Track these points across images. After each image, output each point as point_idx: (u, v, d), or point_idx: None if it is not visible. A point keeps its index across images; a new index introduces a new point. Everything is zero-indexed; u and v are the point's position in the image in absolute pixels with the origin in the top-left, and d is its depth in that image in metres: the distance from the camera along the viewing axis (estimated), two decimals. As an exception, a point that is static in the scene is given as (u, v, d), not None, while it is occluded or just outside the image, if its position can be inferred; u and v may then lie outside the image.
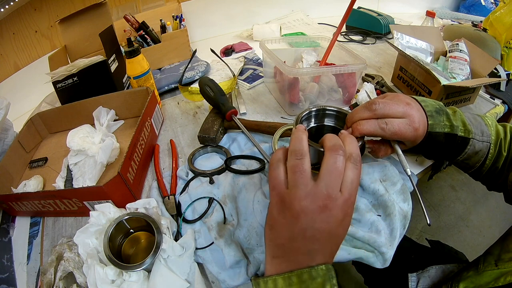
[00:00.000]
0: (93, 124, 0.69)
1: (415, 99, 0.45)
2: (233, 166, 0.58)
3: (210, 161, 0.61)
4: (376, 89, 0.77)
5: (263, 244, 0.44)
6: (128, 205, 0.49)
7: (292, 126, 0.59)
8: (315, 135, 0.45)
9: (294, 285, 0.31)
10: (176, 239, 0.47)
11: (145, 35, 0.96)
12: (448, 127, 0.45)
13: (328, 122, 0.46)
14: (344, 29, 1.16)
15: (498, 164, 0.47)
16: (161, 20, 0.98)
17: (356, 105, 0.71)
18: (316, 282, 0.31)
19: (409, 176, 0.40)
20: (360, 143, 0.39)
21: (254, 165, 0.58)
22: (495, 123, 0.48)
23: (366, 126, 0.40)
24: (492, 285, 0.38)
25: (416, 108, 0.43)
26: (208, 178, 0.57)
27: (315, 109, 0.44)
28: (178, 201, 0.54)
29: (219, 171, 0.58)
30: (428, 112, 0.44)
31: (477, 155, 0.47)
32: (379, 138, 0.46)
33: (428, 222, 0.36)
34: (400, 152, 0.42)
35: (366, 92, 0.71)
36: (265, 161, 0.57)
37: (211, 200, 0.53)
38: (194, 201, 0.53)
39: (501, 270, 0.39)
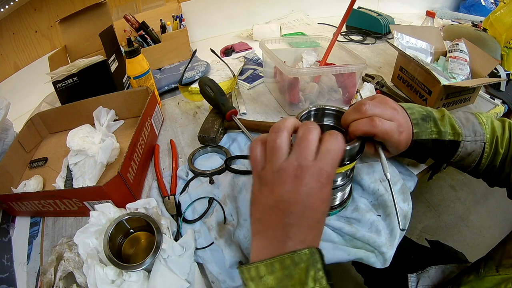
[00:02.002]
0: (93, 124, 0.69)
1: (401, 106, 0.45)
2: (233, 166, 0.58)
3: (210, 161, 0.61)
4: (376, 89, 0.77)
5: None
6: (128, 205, 0.49)
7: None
8: None
9: (276, 272, 0.30)
10: (176, 239, 0.47)
11: (145, 35, 0.96)
12: (436, 133, 0.45)
13: (327, 121, 0.46)
14: (344, 29, 1.16)
15: (495, 162, 0.46)
16: (161, 20, 0.98)
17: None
18: (299, 267, 0.30)
19: (388, 180, 0.39)
20: (358, 143, 0.38)
21: (254, 165, 0.58)
22: (491, 120, 0.48)
23: (360, 126, 0.39)
24: None
25: (402, 115, 0.43)
26: (208, 178, 0.57)
27: (314, 108, 0.44)
28: (178, 201, 0.54)
29: (219, 171, 0.58)
30: (414, 120, 0.44)
31: (470, 156, 0.46)
32: None
33: (400, 227, 0.37)
34: (382, 155, 0.42)
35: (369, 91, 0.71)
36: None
37: (211, 200, 0.53)
38: (194, 201, 0.53)
39: (502, 276, 0.38)
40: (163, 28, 0.98)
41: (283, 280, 0.30)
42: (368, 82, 0.78)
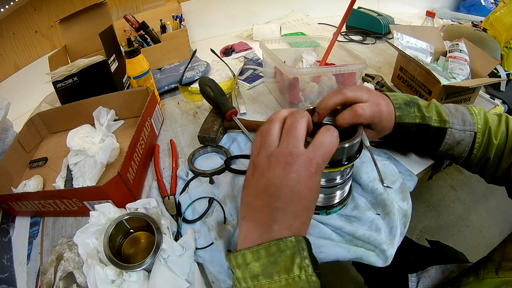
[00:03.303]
0: (93, 124, 0.69)
1: (386, 95, 0.46)
2: (233, 166, 0.58)
3: (210, 161, 0.61)
4: (376, 89, 0.77)
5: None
6: (128, 205, 0.49)
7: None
8: (312, 134, 0.45)
9: (262, 259, 0.30)
10: (176, 239, 0.47)
11: (145, 35, 0.96)
12: (419, 117, 0.46)
13: (325, 120, 0.46)
14: (344, 29, 1.16)
15: (489, 154, 0.46)
16: (161, 20, 0.98)
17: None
18: (285, 255, 0.30)
19: (367, 147, 0.39)
20: (357, 140, 0.38)
21: (254, 165, 0.58)
22: (484, 111, 0.48)
23: (346, 120, 0.40)
24: None
25: (379, 95, 0.45)
26: (208, 178, 0.57)
27: (312, 107, 0.44)
28: (178, 201, 0.54)
29: (219, 171, 0.58)
30: (396, 104, 0.46)
31: (460, 145, 0.46)
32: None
33: (384, 184, 0.37)
34: (360, 129, 0.42)
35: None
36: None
37: (211, 200, 0.53)
38: (194, 201, 0.53)
39: (501, 279, 0.38)
40: (163, 28, 0.98)
41: (268, 267, 0.30)
42: (368, 82, 0.78)
